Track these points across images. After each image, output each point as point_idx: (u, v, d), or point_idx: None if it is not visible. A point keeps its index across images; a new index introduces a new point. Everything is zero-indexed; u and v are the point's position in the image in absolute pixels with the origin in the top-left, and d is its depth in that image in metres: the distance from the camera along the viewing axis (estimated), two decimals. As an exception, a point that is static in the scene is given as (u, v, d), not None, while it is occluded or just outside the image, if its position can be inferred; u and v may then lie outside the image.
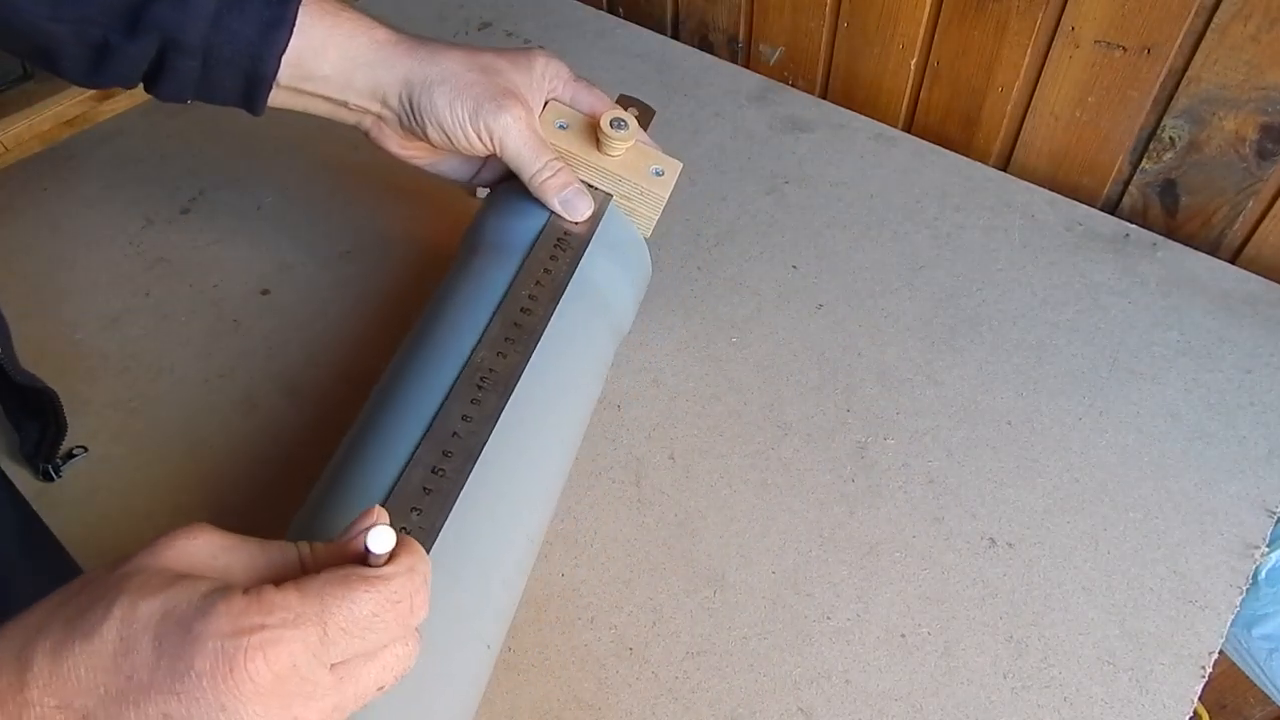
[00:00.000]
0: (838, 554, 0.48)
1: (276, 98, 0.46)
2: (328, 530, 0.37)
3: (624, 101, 0.54)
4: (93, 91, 0.75)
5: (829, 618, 0.46)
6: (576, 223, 0.48)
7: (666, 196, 0.51)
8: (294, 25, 0.44)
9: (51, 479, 0.51)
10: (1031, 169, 0.71)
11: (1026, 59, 0.66)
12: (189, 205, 0.66)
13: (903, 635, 0.45)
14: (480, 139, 0.46)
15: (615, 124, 0.48)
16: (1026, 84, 0.68)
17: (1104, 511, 0.50)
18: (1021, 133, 0.70)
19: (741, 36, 0.81)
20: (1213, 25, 0.57)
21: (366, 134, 0.49)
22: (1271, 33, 0.56)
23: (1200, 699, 0.44)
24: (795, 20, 0.77)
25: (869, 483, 0.51)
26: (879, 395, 0.55)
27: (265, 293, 0.61)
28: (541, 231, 0.47)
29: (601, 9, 0.86)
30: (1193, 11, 0.58)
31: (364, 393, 0.45)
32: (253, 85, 0.45)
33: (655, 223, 0.52)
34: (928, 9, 0.69)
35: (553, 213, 0.48)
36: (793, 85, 0.78)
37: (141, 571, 0.26)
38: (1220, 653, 0.45)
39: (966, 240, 0.64)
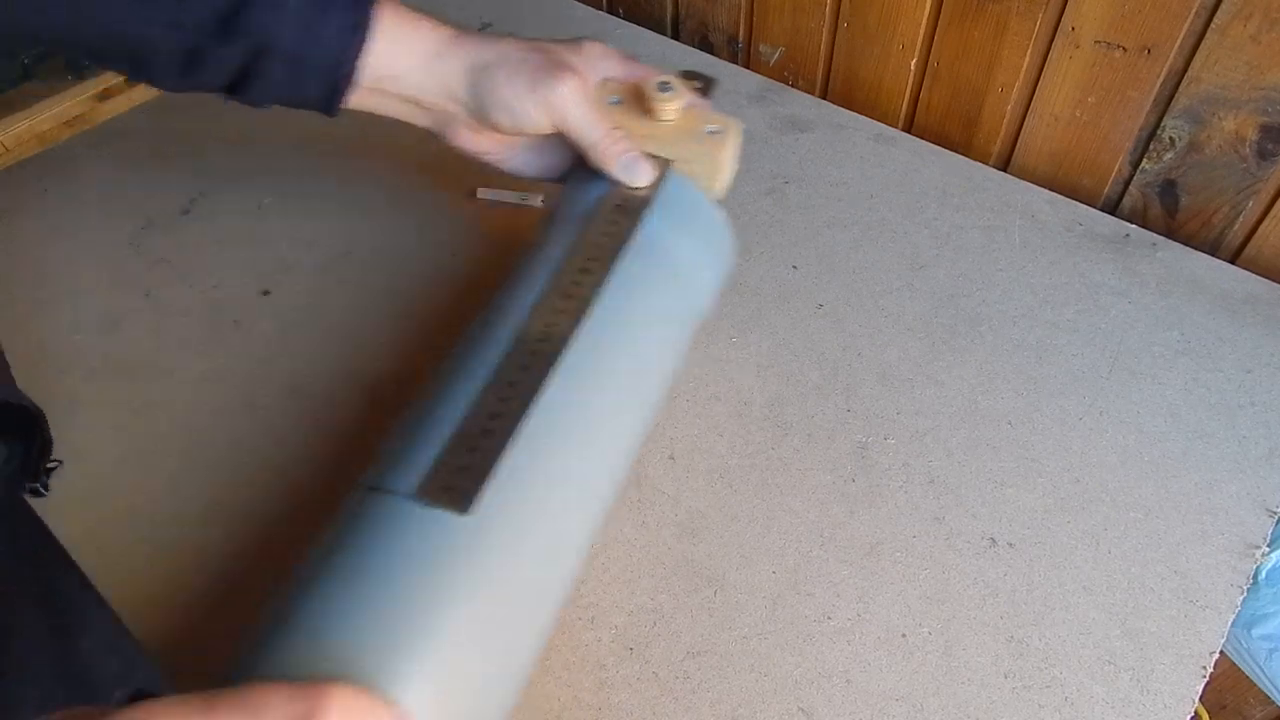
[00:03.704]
0: (838, 554, 0.48)
1: (354, 98, 0.47)
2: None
3: (686, 75, 0.53)
4: (93, 91, 0.75)
5: (829, 618, 0.46)
6: (637, 189, 0.48)
7: (724, 157, 0.49)
8: (373, 26, 0.45)
9: (40, 495, 0.50)
10: (1031, 169, 0.71)
11: (1026, 59, 0.66)
12: (189, 205, 0.66)
13: (903, 635, 0.45)
14: (542, 113, 0.47)
15: (661, 87, 0.48)
16: (1026, 84, 0.68)
17: (1104, 511, 0.50)
18: (1021, 133, 0.70)
19: (741, 37, 0.81)
20: (1213, 25, 0.57)
21: (441, 134, 0.50)
22: (1271, 33, 0.56)
23: (1200, 699, 0.44)
24: (795, 20, 0.77)
25: (869, 483, 0.51)
26: (879, 395, 0.55)
27: (265, 293, 0.61)
28: (603, 200, 0.47)
29: (601, 9, 0.86)
30: (1193, 11, 0.58)
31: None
32: (334, 88, 0.46)
33: (723, 184, 0.51)
34: (928, 9, 0.69)
35: (614, 181, 0.48)
36: (793, 85, 0.78)
37: None
38: (1220, 653, 0.45)
39: (966, 240, 0.64)
